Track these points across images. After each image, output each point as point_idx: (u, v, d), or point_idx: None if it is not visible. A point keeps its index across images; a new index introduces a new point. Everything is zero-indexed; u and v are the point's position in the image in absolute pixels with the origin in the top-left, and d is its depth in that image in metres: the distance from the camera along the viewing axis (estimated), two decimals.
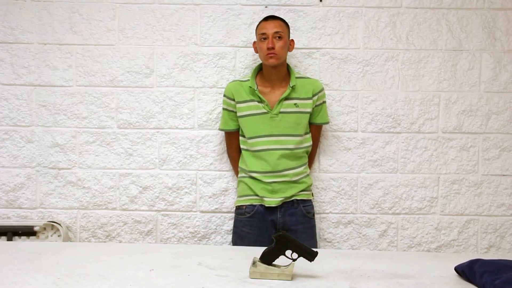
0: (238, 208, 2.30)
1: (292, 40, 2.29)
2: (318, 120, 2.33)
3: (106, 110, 2.49)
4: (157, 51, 2.48)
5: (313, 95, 2.26)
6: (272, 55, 2.15)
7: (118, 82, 2.48)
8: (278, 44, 2.16)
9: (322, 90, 2.30)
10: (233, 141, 2.36)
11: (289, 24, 2.27)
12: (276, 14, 2.40)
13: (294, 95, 2.23)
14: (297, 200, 2.24)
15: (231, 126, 2.32)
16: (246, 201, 2.27)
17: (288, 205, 2.23)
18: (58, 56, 2.48)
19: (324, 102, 2.34)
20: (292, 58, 2.45)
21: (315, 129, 2.36)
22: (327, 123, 2.38)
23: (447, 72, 2.47)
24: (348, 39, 2.47)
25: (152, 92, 2.49)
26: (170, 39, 2.47)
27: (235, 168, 2.40)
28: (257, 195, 2.23)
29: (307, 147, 2.30)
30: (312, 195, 2.35)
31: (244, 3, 2.46)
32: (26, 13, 2.46)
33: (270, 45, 2.14)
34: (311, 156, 2.39)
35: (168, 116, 2.49)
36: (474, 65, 2.47)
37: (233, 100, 2.27)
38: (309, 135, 2.31)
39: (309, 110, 2.25)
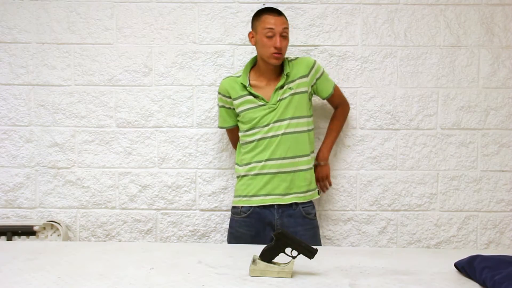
0: (234, 207, 2.23)
1: None
2: (324, 94, 2.26)
3: (105, 109, 2.49)
4: (155, 49, 2.47)
5: (309, 71, 2.18)
6: (278, 55, 2.08)
7: (117, 81, 2.48)
8: (284, 43, 2.09)
9: (315, 62, 2.21)
10: (235, 136, 2.30)
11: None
12: None
13: (288, 79, 2.15)
14: (296, 202, 2.15)
15: (230, 123, 2.28)
16: (242, 202, 2.19)
17: (286, 206, 2.14)
18: (56, 55, 2.47)
19: (323, 72, 2.24)
20: (291, 56, 2.44)
21: (333, 100, 2.31)
22: (332, 92, 2.27)
23: (445, 68, 2.47)
24: (346, 36, 2.47)
25: (151, 90, 2.48)
26: (168, 38, 2.47)
27: None
28: (253, 195, 2.15)
29: (309, 131, 2.19)
30: (319, 193, 2.28)
31: (241, 1, 2.45)
32: (23, 12, 2.46)
33: (278, 45, 2.06)
34: (343, 117, 2.37)
35: (167, 115, 2.49)
36: (472, 61, 2.47)
37: (229, 97, 2.19)
38: (311, 119, 2.22)
39: (305, 89, 2.16)
